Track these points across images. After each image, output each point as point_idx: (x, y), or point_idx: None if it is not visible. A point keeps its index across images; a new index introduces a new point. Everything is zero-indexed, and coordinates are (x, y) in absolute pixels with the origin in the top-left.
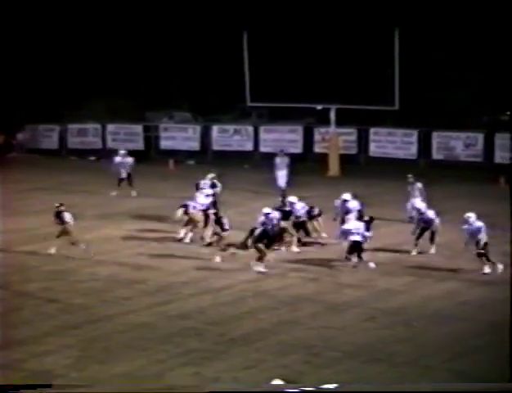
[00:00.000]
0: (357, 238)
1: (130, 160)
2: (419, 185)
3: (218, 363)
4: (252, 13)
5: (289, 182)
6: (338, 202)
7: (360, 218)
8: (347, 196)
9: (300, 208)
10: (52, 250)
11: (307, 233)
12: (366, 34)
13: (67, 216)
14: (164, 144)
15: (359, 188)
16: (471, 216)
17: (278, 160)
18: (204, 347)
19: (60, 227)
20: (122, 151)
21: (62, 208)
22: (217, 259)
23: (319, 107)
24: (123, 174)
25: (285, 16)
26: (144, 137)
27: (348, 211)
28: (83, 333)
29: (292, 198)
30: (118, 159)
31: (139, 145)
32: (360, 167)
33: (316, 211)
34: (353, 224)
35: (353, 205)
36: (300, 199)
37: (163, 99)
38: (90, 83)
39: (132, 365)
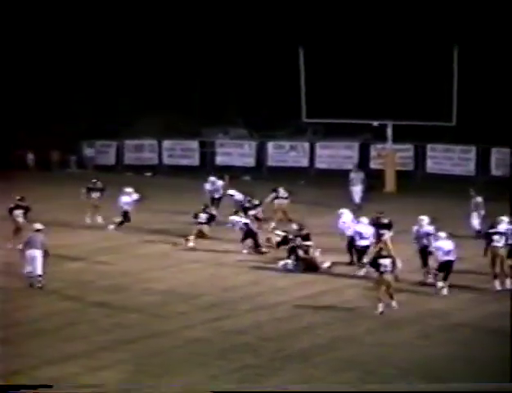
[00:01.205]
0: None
1: (220, 183)
2: (478, 199)
3: (274, 379)
4: (309, 28)
5: (363, 198)
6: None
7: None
8: (424, 219)
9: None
10: None
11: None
12: (423, 50)
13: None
14: (220, 160)
15: (415, 205)
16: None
17: (353, 175)
18: (260, 363)
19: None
20: (212, 178)
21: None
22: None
23: (375, 123)
24: (216, 195)
25: (342, 31)
26: (200, 152)
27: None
28: (139, 348)
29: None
30: (208, 185)
31: (195, 161)
32: (416, 183)
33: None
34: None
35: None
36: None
37: (218, 115)
38: (145, 98)
39: (187, 380)
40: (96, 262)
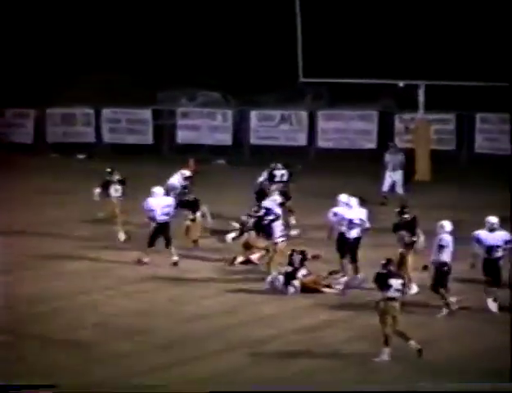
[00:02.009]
0: None
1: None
2: None
3: None
4: None
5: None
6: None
7: None
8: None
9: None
10: None
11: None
12: None
13: None
14: (183, 136)
15: (457, 199)
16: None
17: (388, 157)
18: None
19: None
20: None
21: None
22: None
23: (401, 84)
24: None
25: None
26: (154, 126)
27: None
28: None
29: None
30: None
31: (147, 138)
32: (460, 168)
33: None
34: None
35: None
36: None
37: (181, 74)
38: (78, 50)
39: None
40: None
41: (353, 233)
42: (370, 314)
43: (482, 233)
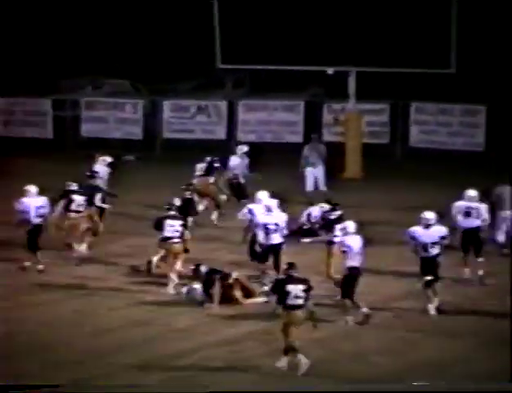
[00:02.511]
0: None
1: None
2: (504, 191)
3: None
4: None
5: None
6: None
7: None
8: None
9: None
10: None
11: None
12: None
13: None
14: (88, 129)
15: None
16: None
17: (307, 151)
18: None
19: None
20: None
21: None
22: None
23: (330, 71)
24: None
25: None
26: (54, 118)
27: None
28: None
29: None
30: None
31: (46, 131)
32: (395, 163)
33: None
34: None
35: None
36: None
37: (85, 60)
38: None
39: None
40: None
41: (274, 239)
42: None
43: (417, 230)
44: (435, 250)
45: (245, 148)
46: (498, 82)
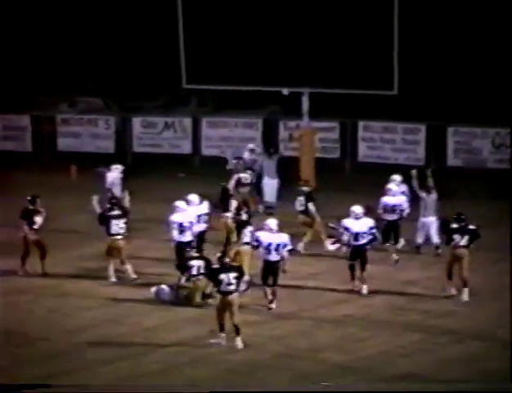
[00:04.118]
0: None
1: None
2: (433, 196)
3: None
4: None
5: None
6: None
7: None
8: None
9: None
10: None
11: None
12: None
13: None
14: (64, 144)
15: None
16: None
17: (265, 162)
18: None
19: None
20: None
21: None
22: None
23: (285, 92)
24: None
25: None
26: (33, 133)
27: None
28: None
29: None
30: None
31: (25, 145)
32: (344, 176)
33: None
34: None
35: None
36: None
37: (60, 77)
38: None
39: None
40: None
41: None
42: (255, 323)
43: (347, 222)
44: (364, 240)
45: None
46: (436, 103)
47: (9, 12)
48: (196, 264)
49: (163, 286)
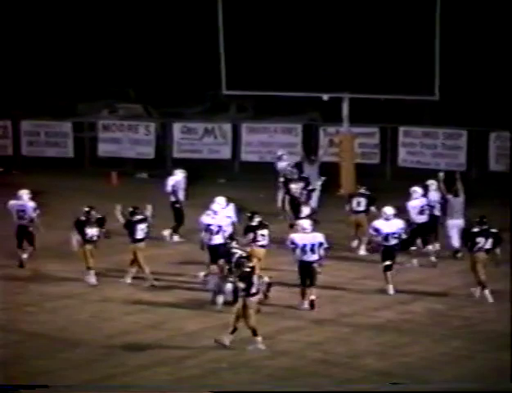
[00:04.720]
0: None
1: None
2: (460, 199)
3: None
4: None
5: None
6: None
7: None
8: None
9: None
10: None
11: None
12: None
13: None
14: (104, 149)
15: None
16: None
17: (308, 168)
18: None
19: None
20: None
21: None
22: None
23: (325, 97)
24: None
25: None
26: (74, 139)
27: None
28: None
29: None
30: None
31: (67, 151)
32: (385, 182)
33: None
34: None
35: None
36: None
37: (101, 84)
38: None
39: None
40: None
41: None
42: (294, 329)
43: (378, 223)
44: (394, 241)
45: None
46: (477, 108)
47: (50, 21)
48: (238, 252)
49: (212, 276)
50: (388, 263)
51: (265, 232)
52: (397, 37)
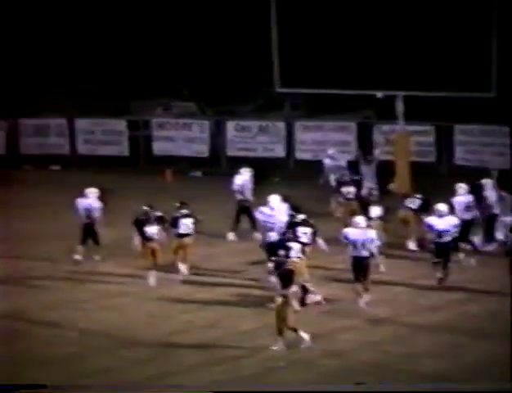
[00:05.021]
0: None
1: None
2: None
3: None
4: None
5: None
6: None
7: None
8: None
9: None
10: None
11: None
12: None
13: None
14: (159, 147)
15: None
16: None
17: (364, 168)
18: None
19: None
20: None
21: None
22: None
23: (380, 95)
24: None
25: None
26: (129, 137)
27: None
28: None
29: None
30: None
31: (122, 149)
32: (440, 180)
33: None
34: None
35: None
36: None
37: (154, 82)
38: (49, 60)
39: None
40: None
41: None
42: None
43: (432, 219)
44: (447, 238)
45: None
46: None
47: (106, 20)
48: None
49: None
50: (438, 260)
51: (307, 229)
52: (452, 33)
